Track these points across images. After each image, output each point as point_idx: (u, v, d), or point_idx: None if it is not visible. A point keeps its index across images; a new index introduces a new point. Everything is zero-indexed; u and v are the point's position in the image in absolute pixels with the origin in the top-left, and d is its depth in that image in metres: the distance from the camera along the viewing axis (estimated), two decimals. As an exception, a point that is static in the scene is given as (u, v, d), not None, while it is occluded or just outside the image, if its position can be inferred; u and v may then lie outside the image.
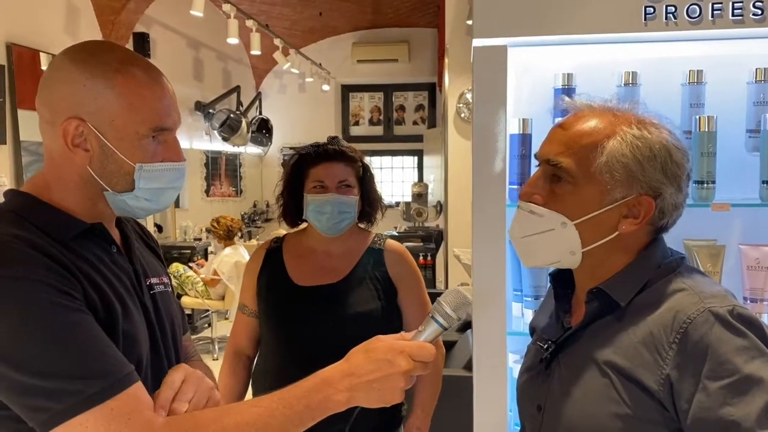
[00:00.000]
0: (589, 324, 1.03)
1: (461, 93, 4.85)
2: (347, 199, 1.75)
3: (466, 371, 2.78)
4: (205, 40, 7.29)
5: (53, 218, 0.98)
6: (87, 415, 0.84)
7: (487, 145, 1.52)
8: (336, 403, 0.94)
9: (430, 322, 0.98)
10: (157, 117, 1.00)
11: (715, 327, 0.89)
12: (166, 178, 1.03)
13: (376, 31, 8.76)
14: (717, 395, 0.87)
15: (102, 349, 0.89)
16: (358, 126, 9.30)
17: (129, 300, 1.02)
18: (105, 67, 0.97)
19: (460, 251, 3.99)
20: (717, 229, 1.56)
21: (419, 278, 1.84)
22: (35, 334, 0.85)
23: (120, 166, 0.99)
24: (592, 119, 1.00)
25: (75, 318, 0.89)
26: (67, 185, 1.01)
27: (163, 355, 1.09)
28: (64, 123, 0.96)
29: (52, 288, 0.88)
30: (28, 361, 0.85)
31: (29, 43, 4.27)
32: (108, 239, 1.05)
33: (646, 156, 0.96)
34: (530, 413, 1.10)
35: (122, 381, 0.88)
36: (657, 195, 0.98)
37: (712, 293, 0.94)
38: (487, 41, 1.51)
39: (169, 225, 6.70)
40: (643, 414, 0.93)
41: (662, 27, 1.44)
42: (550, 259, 1.05)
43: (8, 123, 4.06)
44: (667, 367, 0.91)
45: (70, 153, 0.98)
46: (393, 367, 0.93)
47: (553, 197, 1.01)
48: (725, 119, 1.50)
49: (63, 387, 0.84)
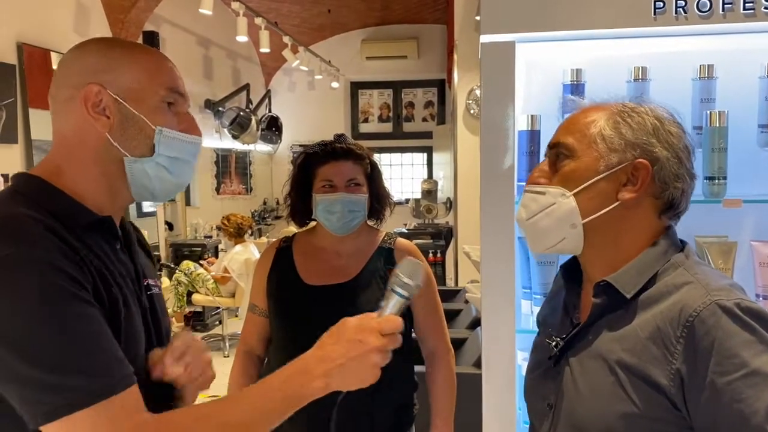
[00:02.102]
0: (597, 320, 1.02)
1: (471, 89, 4.83)
2: (357, 198, 1.74)
3: (475, 368, 2.78)
4: (215, 38, 7.31)
5: (65, 205, 0.96)
6: (84, 413, 0.83)
7: (496, 142, 1.52)
8: (313, 390, 0.95)
9: (391, 295, 1.00)
10: (173, 80, 1.03)
11: (722, 320, 0.88)
12: (184, 149, 1.04)
13: (385, 27, 8.76)
14: (725, 391, 0.86)
15: (106, 347, 0.88)
16: (368, 123, 9.30)
17: (131, 298, 1.01)
18: (122, 42, 1.05)
19: (469, 248, 3.98)
20: (728, 225, 1.55)
21: (430, 277, 1.83)
22: (42, 321, 0.84)
23: (140, 129, 0.99)
24: (594, 107, 1.05)
25: (85, 311, 0.87)
26: (81, 166, 1.00)
27: None
28: (84, 90, 0.97)
29: (65, 275, 0.86)
30: (33, 351, 0.83)
31: (40, 43, 4.30)
32: (114, 234, 1.04)
33: (636, 120, 1.00)
34: (541, 411, 1.09)
35: (121, 381, 0.88)
36: (653, 159, 0.98)
37: (720, 286, 0.93)
38: (494, 37, 1.50)
39: (179, 223, 6.74)
40: (652, 412, 0.92)
41: (672, 21, 1.43)
42: (555, 238, 1.04)
43: (20, 122, 4.09)
44: (677, 362, 0.90)
45: (88, 123, 0.98)
46: (364, 345, 0.94)
47: (555, 175, 1.04)
48: (737, 114, 1.48)
49: (64, 382, 0.83)
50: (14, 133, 4.04)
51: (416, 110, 9.25)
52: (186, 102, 1.06)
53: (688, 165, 1.02)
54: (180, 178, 1.05)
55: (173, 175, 1.04)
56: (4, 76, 3.95)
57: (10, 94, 4.00)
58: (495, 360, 1.54)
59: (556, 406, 1.05)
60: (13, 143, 4.04)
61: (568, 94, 1.54)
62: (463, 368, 2.86)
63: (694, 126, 1.52)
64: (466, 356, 3.14)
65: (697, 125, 1.51)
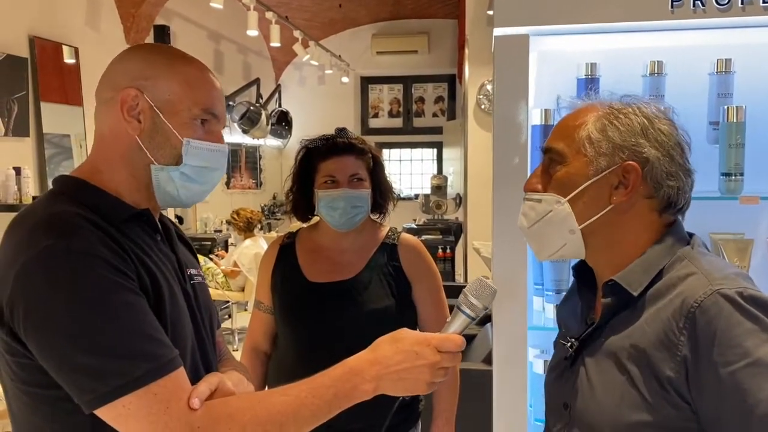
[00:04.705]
0: (609, 319, 1.01)
1: (481, 84, 4.81)
2: (360, 193, 1.71)
3: (484, 365, 2.77)
4: (225, 32, 7.31)
5: (104, 200, 1.00)
6: (130, 397, 0.86)
7: (509, 137, 1.50)
8: (363, 392, 0.95)
9: (457, 314, 1.00)
10: (210, 101, 1.04)
11: (725, 309, 0.86)
12: (211, 158, 1.06)
13: (396, 22, 8.72)
14: (728, 381, 0.84)
15: (150, 332, 0.90)
16: (378, 118, 9.28)
17: (175, 286, 1.04)
18: (167, 51, 1.08)
19: (479, 244, 3.96)
20: (745, 222, 1.53)
21: (434, 273, 1.81)
22: (90, 310, 0.87)
23: (167, 139, 1.01)
24: (585, 108, 1.04)
25: (129, 298, 0.90)
26: (115, 163, 1.03)
27: (206, 342, 1.10)
28: (122, 92, 1.00)
29: (109, 265, 0.89)
30: (80, 337, 0.86)
31: (51, 36, 4.32)
32: (154, 227, 1.07)
33: (623, 122, 0.98)
34: (556, 411, 1.09)
35: (167, 365, 0.89)
36: (642, 161, 0.97)
37: (723, 275, 0.92)
38: (508, 30, 1.48)
39: (189, 217, 6.76)
40: (661, 408, 0.90)
41: (690, 14, 1.40)
42: (556, 244, 1.04)
43: (31, 115, 4.11)
44: (681, 353, 0.89)
45: (122, 124, 1.01)
46: (419, 358, 0.95)
47: (549, 181, 1.03)
48: (755, 109, 1.46)
49: (110, 367, 0.86)
50: (26, 126, 4.06)
51: (426, 105, 9.22)
52: (220, 123, 1.07)
53: (682, 162, 1.00)
54: (206, 184, 1.09)
55: (199, 183, 1.07)
56: (15, 69, 3.96)
57: (22, 87, 4.01)
58: (506, 357, 1.53)
59: (572, 406, 1.04)
60: (24, 136, 4.06)
61: (582, 89, 1.52)
62: (473, 364, 2.85)
63: (711, 121, 1.49)
64: (476, 352, 3.13)
65: (714, 120, 1.48)
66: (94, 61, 4.53)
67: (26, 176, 3.88)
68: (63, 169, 4.32)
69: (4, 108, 3.87)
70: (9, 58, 3.89)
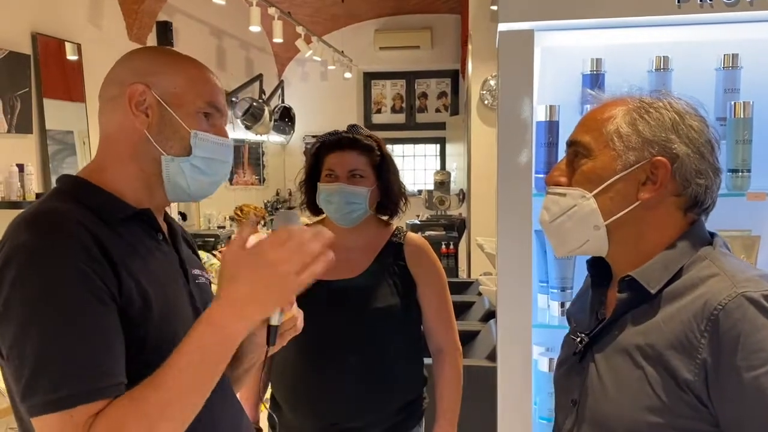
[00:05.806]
0: (622, 315, 1.00)
1: (485, 80, 4.79)
2: (356, 190, 1.70)
3: (488, 361, 2.76)
4: (228, 28, 7.29)
5: (103, 200, 1.01)
6: (52, 417, 0.85)
7: (513, 133, 1.49)
8: (235, 336, 0.89)
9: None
10: (213, 95, 1.07)
11: (749, 312, 0.85)
12: (218, 150, 1.07)
13: (399, 17, 8.69)
14: (752, 385, 0.83)
15: (94, 353, 0.87)
16: (380, 114, 9.26)
17: (174, 286, 1.04)
18: (169, 51, 1.13)
19: (483, 240, 3.95)
20: (752, 219, 1.51)
21: (440, 273, 1.80)
22: (41, 314, 0.86)
23: (176, 131, 1.03)
24: (613, 102, 1.02)
25: (89, 310, 0.88)
26: (121, 162, 1.04)
27: None
28: (130, 88, 1.02)
29: (79, 272, 0.88)
30: (23, 345, 0.86)
31: (54, 33, 4.30)
32: (155, 226, 1.07)
33: (654, 116, 0.97)
34: (565, 406, 1.08)
35: (92, 393, 0.85)
36: (672, 156, 0.95)
37: (747, 277, 0.90)
38: (512, 25, 1.47)
39: (193, 213, 6.75)
40: (677, 408, 0.89)
41: (696, 9, 1.39)
42: (578, 240, 1.03)
43: (34, 112, 4.10)
44: (701, 356, 0.87)
45: (130, 119, 1.02)
46: (259, 268, 0.87)
47: (574, 175, 1.02)
48: (762, 105, 1.45)
49: (41, 382, 0.85)
50: (29, 123, 4.05)
51: (429, 101, 9.19)
52: (222, 117, 1.10)
53: (712, 160, 0.98)
54: (215, 176, 1.09)
55: (208, 175, 1.07)
56: (18, 66, 3.96)
57: (25, 84, 4.00)
58: (511, 354, 1.52)
59: (579, 402, 1.03)
60: (27, 133, 4.05)
61: (587, 85, 1.51)
62: (476, 361, 2.84)
63: (718, 117, 1.48)
64: (479, 349, 3.12)
65: (721, 116, 1.47)
66: (96, 57, 4.52)
67: (29, 173, 3.88)
68: (66, 165, 4.32)
69: (7, 105, 3.86)
70: (11, 54, 3.88)
